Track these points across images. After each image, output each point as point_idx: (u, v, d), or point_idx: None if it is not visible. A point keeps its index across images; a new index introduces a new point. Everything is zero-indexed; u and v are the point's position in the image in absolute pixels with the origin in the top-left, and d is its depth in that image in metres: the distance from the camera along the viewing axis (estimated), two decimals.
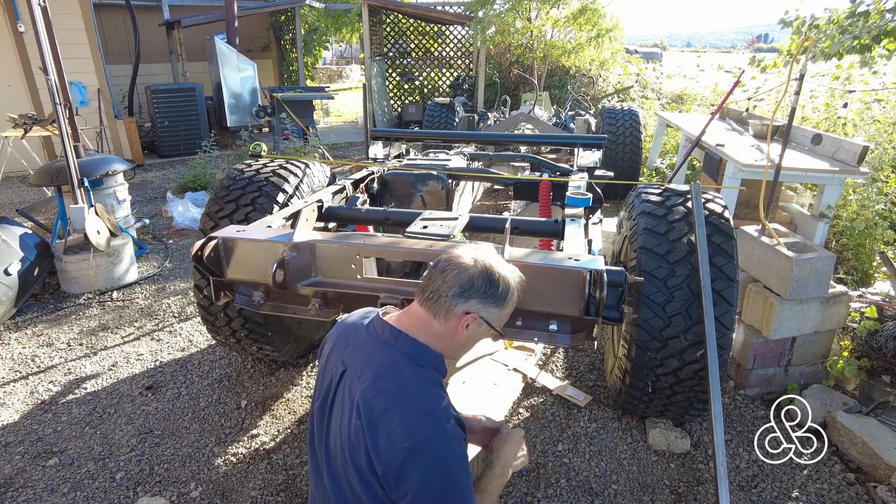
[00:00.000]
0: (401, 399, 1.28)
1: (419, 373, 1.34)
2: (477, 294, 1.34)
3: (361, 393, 1.31)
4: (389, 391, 1.30)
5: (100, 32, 8.48)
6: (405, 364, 1.35)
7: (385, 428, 1.25)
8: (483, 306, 1.35)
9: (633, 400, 2.50)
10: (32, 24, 3.82)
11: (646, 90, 10.23)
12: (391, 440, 1.23)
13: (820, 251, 2.78)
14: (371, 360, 1.37)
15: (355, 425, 1.29)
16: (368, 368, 1.35)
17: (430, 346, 1.38)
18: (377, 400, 1.29)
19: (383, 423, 1.25)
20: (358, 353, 1.40)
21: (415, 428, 1.24)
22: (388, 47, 11.61)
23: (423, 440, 1.23)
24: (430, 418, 1.27)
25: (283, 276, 2.06)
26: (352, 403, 1.33)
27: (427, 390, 1.32)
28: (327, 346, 1.52)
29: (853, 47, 4.28)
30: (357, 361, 1.39)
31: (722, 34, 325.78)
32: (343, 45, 23.94)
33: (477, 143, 4.62)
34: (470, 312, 1.34)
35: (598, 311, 1.81)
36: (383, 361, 1.35)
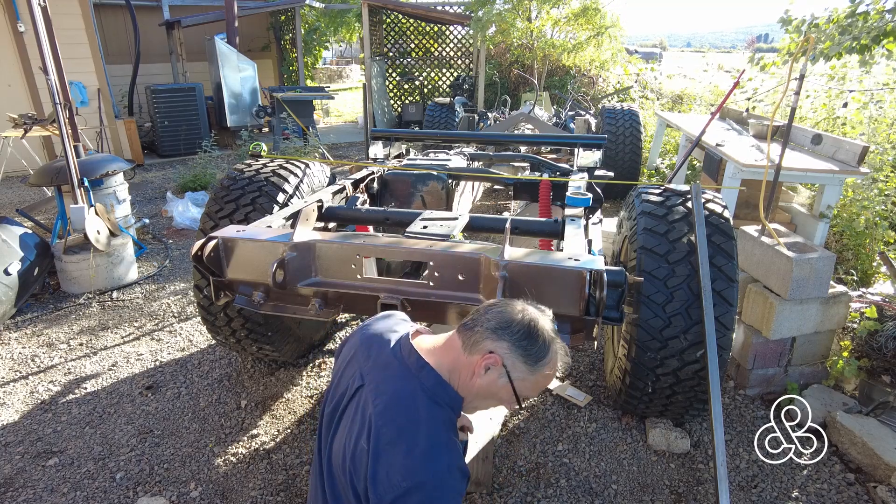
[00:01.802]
0: (409, 435, 1.22)
1: (433, 411, 1.26)
2: (511, 337, 1.24)
3: (373, 417, 1.26)
4: (399, 423, 1.24)
5: (100, 32, 8.48)
6: (422, 398, 1.27)
7: (387, 460, 1.20)
8: (511, 354, 1.24)
9: (633, 400, 2.50)
10: (32, 23, 3.82)
11: (646, 90, 10.23)
12: (389, 475, 1.18)
13: (820, 251, 2.78)
14: (389, 384, 1.30)
15: (362, 448, 1.25)
16: (384, 393, 1.29)
17: (452, 384, 1.30)
18: (386, 429, 1.23)
19: (386, 454, 1.21)
20: (378, 372, 1.34)
21: (416, 469, 1.19)
22: (388, 47, 11.61)
23: (420, 483, 1.18)
24: (434, 464, 1.20)
25: (283, 276, 2.06)
26: (363, 423, 1.28)
27: (438, 433, 1.24)
28: (347, 349, 1.46)
29: (853, 48, 4.28)
30: (375, 380, 1.32)
31: (722, 34, 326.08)
32: (343, 45, 23.94)
33: (477, 143, 4.62)
34: (494, 353, 1.24)
35: (598, 311, 1.81)
36: (401, 390, 1.29)
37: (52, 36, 4.10)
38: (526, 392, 1.30)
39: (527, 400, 1.32)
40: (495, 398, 1.31)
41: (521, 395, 1.28)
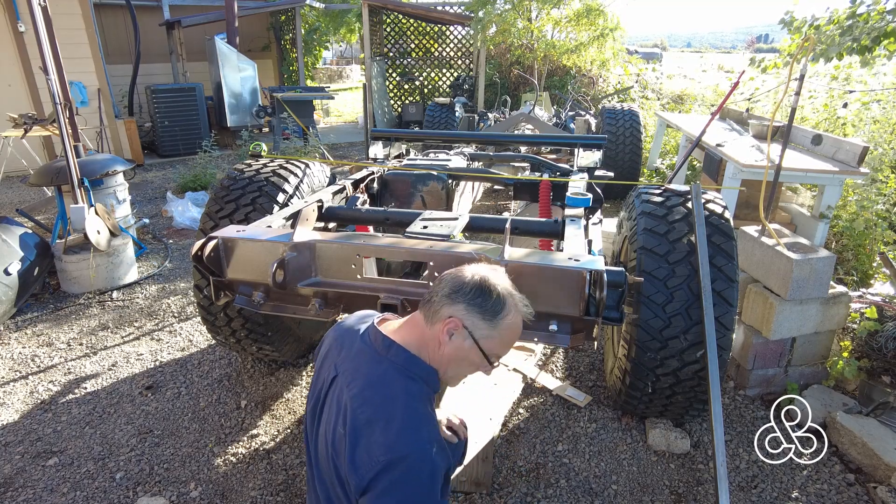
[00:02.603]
0: (386, 412, 1.23)
1: (408, 386, 1.27)
2: (464, 299, 1.25)
3: (348, 401, 1.27)
4: (375, 402, 1.25)
5: (100, 32, 8.49)
6: (395, 376, 1.28)
7: (366, 440, 1.20)
8: (468, 314, 1.25)
9: (633, 400, 2.50)
10: (32, 23, 3.82)
11: (646, 90, 10.23)
12: (369, 453, 1.18)
13: (820, 252, 2.78)
14: (361, 369, 1.32)
15: (339, 434, 1.26)
16: (358, 377, 1.30)
17: (423, 358, 1.31)
18: (361, 410, 1.24)
19: (364, 434, 1.20)
20: (350, 360, 1.36)
21: (395, 443, 1.18)
22: (388, 47, 11.61)
23: (401, 456, 1.17)
24: (414, 435, 1.21)
25: (283, 276, 2.06)
26: (338, 410, 1.29)
27: (415, 406, 1.25)
28: (324, 347, 1.50)
29: (853, 48, 4.28)
30: (348, 368, 1.34)
31: (722, 34, 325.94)
32: (343, 45, 23.94)
33: (477, 143, 4.62)
34: (453, 317, 1.25)
35: (598, 311, 1.81)
36: (373, 371, 1.30)
37: (52, 36, 4.10)
38: (495, 349, 1.31)
39: (499, 358, 1.34)
40: (467, 362, 1.32)
41: (490, 353, 1.30)
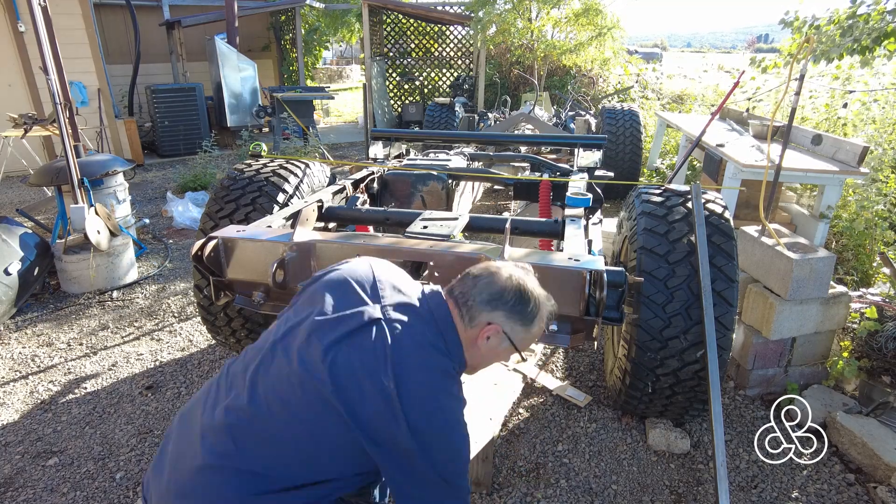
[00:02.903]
0: (421, 364, 1.27)
1: (449, 376, 1.32)
2: (505, 307, 1.32)
3: (396, 361, 1.26)
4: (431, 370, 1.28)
5: (100, 32, 8.48)
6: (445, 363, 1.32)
7: (406, 369, 1.23)
8: (508, 321, 1.32)
9: (633, 400, 2.50)
10: (32, 23, 3.82)
11: (646, 90, 10.23)
12: (431, 421, 1.22)
13: (820, 252, 2.78)
14: (418, 335, 1.32)
15: (383, 386, 1.22)
16: (412, 341, 1.30)
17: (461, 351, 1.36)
18: (420, 376, 1.26)
19: (408, 361, 1.24)
20: (406, 313, 1.34)
21: (430, 382, 1.25)
22: (388, 47, 11.61)
23: (434, 392, 1.25)
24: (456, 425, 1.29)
25: (283, 276, 2.06)
26: (384, 359, 1.25)
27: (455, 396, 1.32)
28: (348, 269, 1.44)
29: (853, 49, 4.28)
30: (403, 323, 1.32)
31: (722, 34, 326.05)
32: (343, 45, 23.94)
33: (477, 143, 4.62)
34: (493, 324, 1.32)
35: (598, 311, 1.81)
36: (424, 326, 1.33)
37: (52, 36, 4.10)
38: (525, 346, 1.40)
39: (526, 352, 1.45)
40: (498, 358, 1.44)
41: (521, 350, 1.39)
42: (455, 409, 1.29)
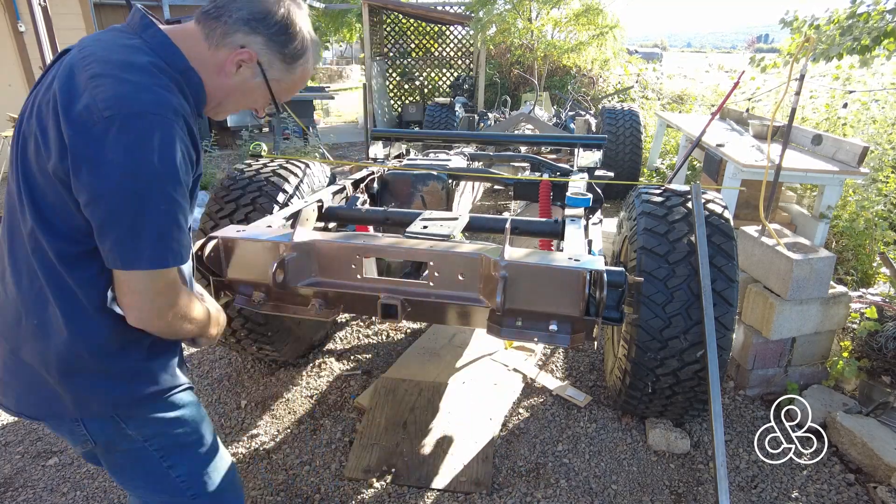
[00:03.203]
0: (122, 71, 1.01)
1: (155, 75, 1.05)
2: (266, 32, 1.12)
3: (71, 58, 1.07)
4: (110, 61, 1.03)
5: None
6: (144, 53, 1.07)
7: (90, 92, 0.99)
8: (266, 50, 1.14)
9: (633, 400, 2.50)
10: (32, 23, 3.82)
11: (646, 90, 10.23)
12: (93, 103, 0.98)
13: (820, 252, 2.78)
14: (103, 43, 1.09)
15: (51, 93, 1.03)
16: (96, 49, 1.07)
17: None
18: (90, 66, 1.02)
19: (90, 88, 0.99)
20: (92, 44, 1.10)
21: (131, 98, 0.99)
22: (388, 47, 11.61)
23: (136, 112, 0.98)
24: (154, 96, 1.01)
25: (283, 276, 2.06)
26: (55, 77, 1.06)
27: (157, 82, 1.04)
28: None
29: (853, 48, 4.28)
30: (87, 49, 1.08)
31: (722, 34, 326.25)
32: (343, 45, 23.94)
33: (477, 143, 4.62)
34: (247, 48, 1.12)
35: (598, 311, 1.81)
36: (118, 41, 1.09)
37: (52, 36, 4.10)
38: (282, 94, 1.22)
39: (282, 101, 1.25)
40: (248, 99, 1.22)
41: (277, 96, 1.21)
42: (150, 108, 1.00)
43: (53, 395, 1.17)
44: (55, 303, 1.12)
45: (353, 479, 2.37)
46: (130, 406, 1.22)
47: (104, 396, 1.18)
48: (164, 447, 1.28)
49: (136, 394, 1.21)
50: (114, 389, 1.18)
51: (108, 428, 1.22)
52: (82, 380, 1.16)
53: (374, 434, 2.59)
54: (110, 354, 1.17)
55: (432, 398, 2.82)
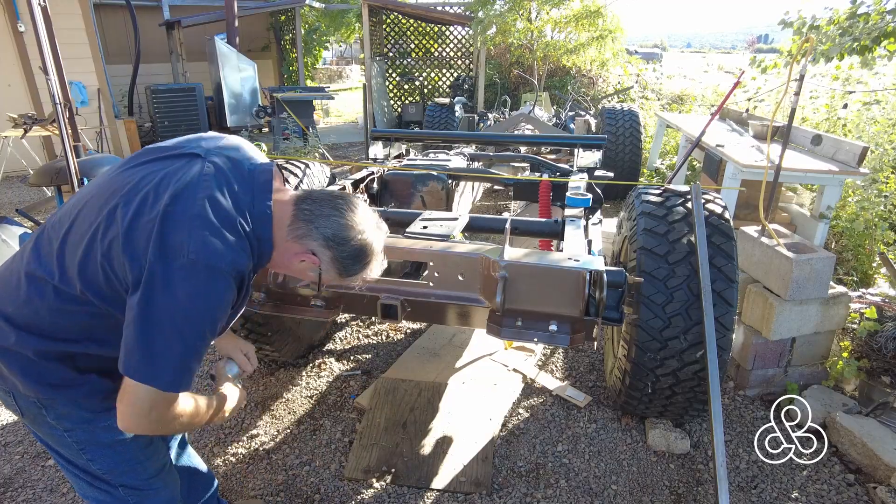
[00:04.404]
0: (220, 223, 1.17)
1: (241, 238, 1.21)
2: (338, 252, 1.29)
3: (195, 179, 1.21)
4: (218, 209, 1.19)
5: (100, 32, 8.48)
6: (243, 213, 1.23)
7: (189, 233, 1.14)
8: (331, 264, 1.31)
9: (633, 400, 2.50)
10: (32, 23, 3.81)
11: (646, 91, 10.23)
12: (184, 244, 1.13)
13: (820, 252, 2.78)
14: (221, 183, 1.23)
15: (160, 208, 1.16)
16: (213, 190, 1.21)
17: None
18: (200, 203, 1.17)
19: (194, 228, 1.15)
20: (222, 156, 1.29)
21: (215, 253, 1.15)
22: (388, 47, 11.61)
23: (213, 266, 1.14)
24: (232, 257, 1.18)
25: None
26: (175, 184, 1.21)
27: (241, 245, 1.21)
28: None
29: (853, 49, 4.28)
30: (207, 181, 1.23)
31: (722, 35, 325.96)
32: (343, 46, 23.95)
33: (477, 143, 4.62)
34: (316, 256, 1.29)
35: (597, 311, 1.82)
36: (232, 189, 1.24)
37: (52, 36, 4.09)
38: (327, 284, 1.40)
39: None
40: (298, 276, 1.40)
41: (324, 285, 1.39)
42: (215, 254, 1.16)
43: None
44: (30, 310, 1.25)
45: (353, 480, 2.37)
46: (49, 398, 1.31)
47: (31, 384, 1.28)
48: (81, 441, 1.37)
49: (57, 393, 1.30)
50: (37, 384, 1.28)
51: (31, 408, 1.32)
52: (17, 362, 1.27)
53: (373, 434, 2.59)
54: (47, 360, 1.27)
55: (432, 398, 2.82)
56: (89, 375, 1.31)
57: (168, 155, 1.29)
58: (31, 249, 1.27)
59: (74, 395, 1.31)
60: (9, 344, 1.25)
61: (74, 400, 1.32)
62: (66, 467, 1.44)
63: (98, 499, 1.47)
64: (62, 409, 1.32)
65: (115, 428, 1.32)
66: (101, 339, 1.28)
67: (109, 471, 1.42)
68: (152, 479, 1.50)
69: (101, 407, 1.34)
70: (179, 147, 1.31)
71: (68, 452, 1.40)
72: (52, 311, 1.23)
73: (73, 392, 1.31)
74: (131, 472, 1.45)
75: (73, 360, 1.29)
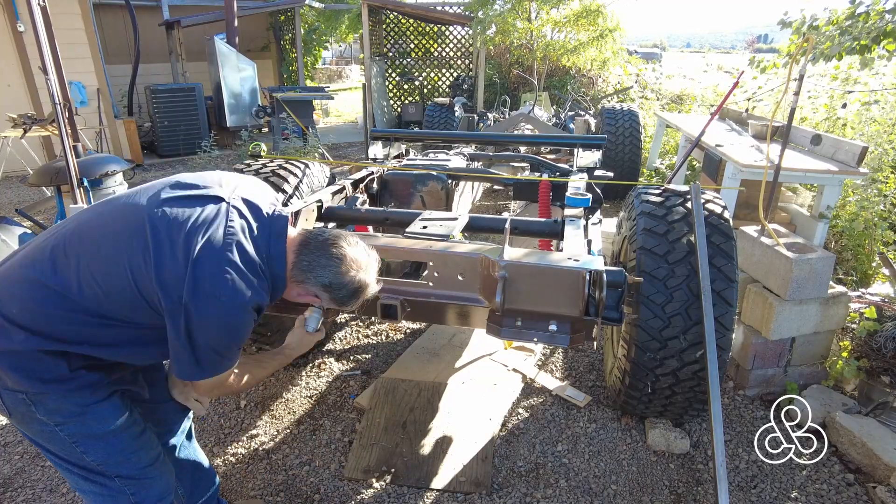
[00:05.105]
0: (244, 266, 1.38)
1: (261, 278, 1.42)
2: (335, 294, 1.50)
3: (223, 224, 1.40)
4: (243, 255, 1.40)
5: (100, 32, 8.48)
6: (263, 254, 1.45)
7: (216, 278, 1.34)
8: (331, 302, 1.53)
9: (633, 400, 2.50)
10: (32, 23, 3.81)
11: (645, 90, 10.23)
12: (218, 286, 1.33)
13: (819, 252, 2.78)
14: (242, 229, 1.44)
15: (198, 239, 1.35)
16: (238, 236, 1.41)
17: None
18: (230, 251, 1.36)
19: (220, 273, 1.34)
20: (237, 226, 1.44)
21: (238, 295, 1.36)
22: (388, 47, 11.60)
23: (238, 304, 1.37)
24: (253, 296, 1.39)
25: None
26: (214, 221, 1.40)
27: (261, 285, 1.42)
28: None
29: (853, 48, 4.28)
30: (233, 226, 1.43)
31: (722, 35, 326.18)
32: (343, 46, 23.94)
33: (477, 143, 4.62)
34: (318, 297, 1.52)
35: (597, 311, 1.82)
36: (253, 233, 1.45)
37: (52, 36, 4.09)
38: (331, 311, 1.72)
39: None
40: (308, 303, 1.66)
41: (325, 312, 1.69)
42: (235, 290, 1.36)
43: None
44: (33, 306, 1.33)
45: (353, 480, 2.37)
46: (39, 392, 1.36)
47: (21, 378, 1.33)
48: (74, 434, 1.41)
49: (47, 387, 1.35)
50: (28, 378, 1.33)
51: (19, 406, 1.36)
52: (8, 358, 1.32)
53: (373, 434, 2.59)
54: (42, 356, 1.34)
55: (432, 398, 2.82)
56: (79, 371, 1.37)
57: (193, 195, 1.45)
58: (48, 260, 1.36)
59: (64, 390, 1.36)
60: (9, 344, 1.29)
61: (64, 394, 1.36)
62: (60, 464, 1.47)
63: (94, 492, 1.50)
64: (52, 404, 1.37)
65: (106, 418, 1.41)
66: (102, 344, 1.39)
67: (104, 461, 1.46)
68: (147, 468, 1.54)
69: (92, 399, 1.40)
70: (204, 188, 1.47)
71: (61, 448, 1.43)
72: (64, 319, 1.33)
73: (62, 386, 1.35)
74: (126, 463, 1.49)
75: (67, 359, 1.35)
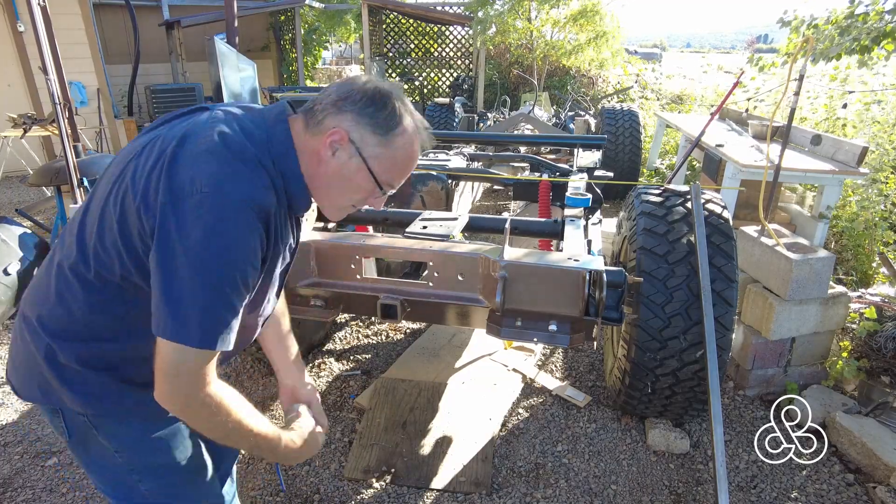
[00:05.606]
0: (234, 158, 1.03)
1: (260, 173, 1.06)
2: (353, 107, 1.09)
3: (199, 123, 1.10)
4: (228, 144, 1.05)
5: (100, 32, 8.48)
6: (259, 147, 1.09)
7: (196, 166, 1.00)
8: (357, 125, 1.09)
9: (633, 400, 2.50)
10: (32, 23, 3.81)
11: (645, 91, 10.24)
12: (194, 179, 0.99)
13: (819, 252, 2.78)
14: (231, 122, 1.12)
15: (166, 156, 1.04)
16: (221, 124, 1.09)
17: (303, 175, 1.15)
18: (210, 138, 1.05)
19: (200, 161, 1.01)
20: (221, 121, 1.13)
21: (223, 185, 1.00)
22: (388, 47, 11.61)
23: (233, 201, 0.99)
24: (250, 190, 1.03)
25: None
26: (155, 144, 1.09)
27: (263, 183, 1.06)
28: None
29: (852, 48, 4.28)
30: (216, 120, 1.12)
31: (722, 35, 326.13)
32: (343, 46, 23.93)
33: (477, 143, 4.62)
34: (338, 128, 1.09)
35: (597, 311, 1.82)
36: (245, 125, 1.11)
37: (52, 36, 4.09)
38: (385, 174, 1.14)
39: (392, 187, 1.18)
40: (353, 186, 1.15)
41: (380, 177, 1.13)
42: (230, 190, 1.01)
43: (43, 379, 1.21)
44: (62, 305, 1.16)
45: (353, 480, 2.37)
46: (98, 415, 1.22)
47: (77, 394, 1.19)
48: (132, 462, 1.28)
49: (103, 407, 1.21)
50: (83, 395, 1.19)
51: (81, 426, 1.24)
52: (62, 371, 1.18)
53: (373, 434, 2.59)
54: (88, 369, 1.18)
55: (432, 398, 2.82)
56: (132, 386, 1.20)
57: (176, 115, 1.21)
58: (58, 243, 1.18)
59: (121, 412, 1.22)
60: (54, 356, 1.17)
61: (122, 418, 1.23)
62: (110, 493, 1.35)
63: None
64: (111, 428, 1.24)
65: (164, 449, 1.26)
66: (141, 333, 1.09)
67: (156, 493, 1.32)
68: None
69: (151, 427, 1.26)
70: (188, 108, 1.23)
71: (114, 476, 1.31)
72: (83, 305, 1.12)
73: (118, 407, 1.21)
74: (180, 497, 1.36)
75: (117, 371, 1.19)
